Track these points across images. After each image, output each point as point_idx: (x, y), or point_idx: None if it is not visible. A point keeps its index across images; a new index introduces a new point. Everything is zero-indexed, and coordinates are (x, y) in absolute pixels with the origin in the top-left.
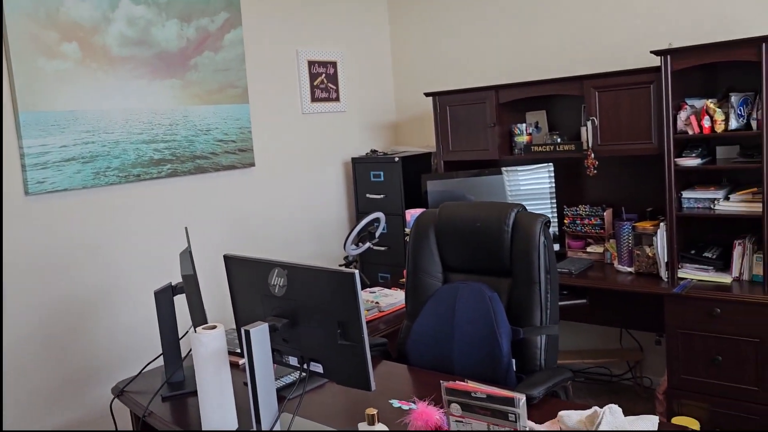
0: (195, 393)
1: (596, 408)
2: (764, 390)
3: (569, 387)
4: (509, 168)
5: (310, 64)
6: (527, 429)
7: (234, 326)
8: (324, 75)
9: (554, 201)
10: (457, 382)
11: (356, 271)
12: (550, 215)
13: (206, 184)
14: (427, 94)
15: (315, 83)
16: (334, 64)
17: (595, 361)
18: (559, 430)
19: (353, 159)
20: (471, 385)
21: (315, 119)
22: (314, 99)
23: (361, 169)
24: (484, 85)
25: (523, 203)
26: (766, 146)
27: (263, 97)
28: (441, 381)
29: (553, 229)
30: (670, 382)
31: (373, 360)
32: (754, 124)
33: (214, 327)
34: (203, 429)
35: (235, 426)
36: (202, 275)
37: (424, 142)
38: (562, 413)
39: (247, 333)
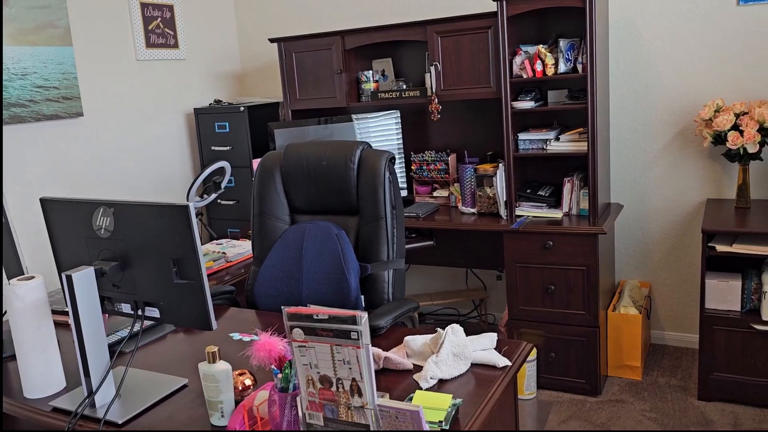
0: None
1: (439, 329)
2: (590, 313)
3: (415, 317)
4: (359, 116)
5: (144, 6)
6: (368, 345)
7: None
8: (160, 19)
9: (401, 148)
10: (300, 307)
11: (190, 203)
12: (397, 162)
13: (25, 135)
14: (272, 40)
15: (150, 27)
16: (170, 8)
17: (443, 302)
18: (405, 353)
19: (195, 110)
20: (313, 308)
21: (151, 66)
22: (150, 45)
23: (204, 120)
24: (329, 31)
25: None
26: (591, 88)
27: (90, 40)
28: (282, 306)
29: (401, 175)
30: (510, 313)
31: (220, 308)
32: (579, 67)
33: (32, 278)
34: (25, 395)
35: (62, 386)
36: (28, 247)
37: (273, 92)
38: (407, 338)
39: (69, 278)
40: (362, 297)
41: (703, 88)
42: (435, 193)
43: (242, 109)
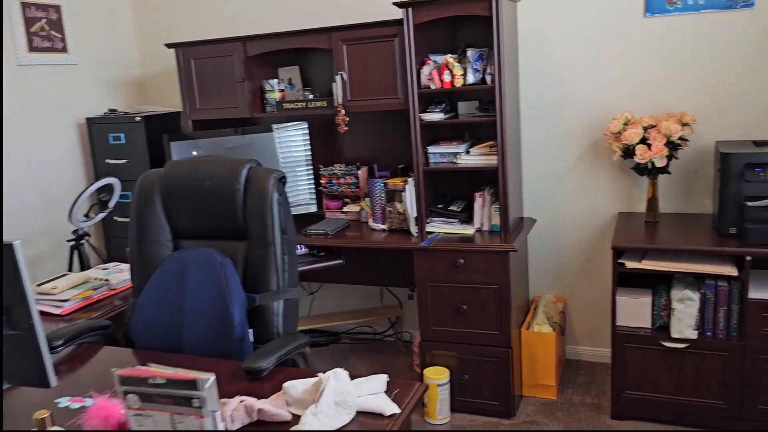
0: None
1: (320, 374)
2: (503, 333)
3: (307, 353)
4: (280, 126)
5: (25, 6)
6: (216, 412)
7: None
8: (45, 20)
9: (310, 160)
10: (137, 367)
11: (16, 242)
12: (306, 176)
13: None
14: (168, 46)
15: (33, 29)
16: (57, 8)
17: (359, 321)
18: (284, 401)
19: (88, 120)
20: (150, 370)
21: (36, 72)
22: (32, 48)
23: (98, 131)
24: (231, 36)
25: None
26: (499, 100)
27: None
28: (113, 370)
29: (310, 189)
30: (422, 335)
31: (91, 347)
32: (488, 78)
33: None
34: None
35: None
36: None
37: (176, 100)
38: (286, 385)
39: None
40: (250, 331)
41: (613, 100)
42: (346, 208)
43: (138, 119)
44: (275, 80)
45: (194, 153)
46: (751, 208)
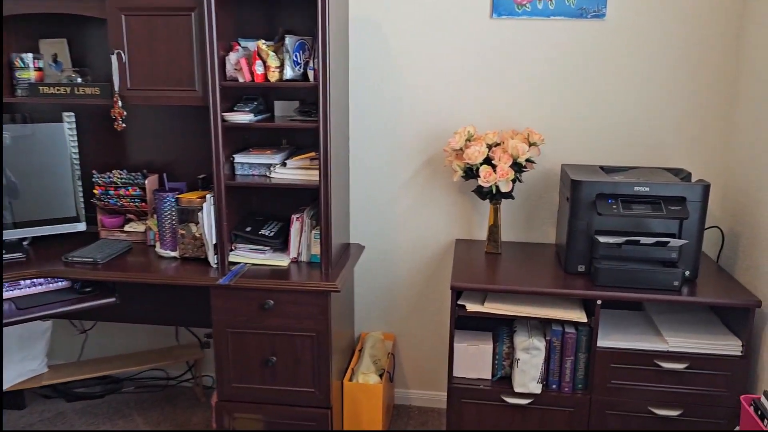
0: None
1: None
2: (321, 391)
3: None
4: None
5: None
6: None
7: None
8: None
9: (77, 164)
10: None
11: None
12: (73, 183)
13: None
14: None
15: None
16: None
17: (146, 366)
18: None
19: None
20: None
21: None
22: None
23: None
24: None
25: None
26: (323, 101)
27: None
28: None
29: (78, 201)
30: (221, 394)
31: None
32: (311, 74)
33: None
34: None
35: None
36: None
37: None
38: None
39: None
40: None
41: (455, 109)
42: (128, 227)
43: None
44: (30, 55)
45: None
46: (603, 245)
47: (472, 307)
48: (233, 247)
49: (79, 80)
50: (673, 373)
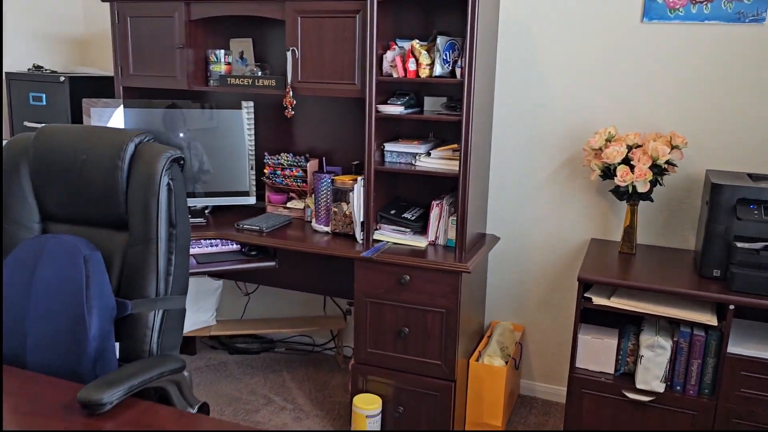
0: None
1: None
2: (447, 365)
3: (182, 380)
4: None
5: None
6: None
7: None
8: None
9: (252, 147)
10: None
11: None
12: (247, 163)
13: None
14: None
15: None
16: None
17: (297, 330)
18: None
19: (8, 74)
20: None
21: None
22: None
23: (18, 88)
24: None
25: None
26: (467, 98)
27: None
28: None
29: (251, 179)
30: (357, 357)
31: None
32: (458, 71)
33: None
34: None
35: None
36: None
37: None
38: None
39: None
40: (116, 346)
41: (597, 111)
42: (290, 204)
43: (62, 79)
44: (222, 51)
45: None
46: (741, 250)
47: (598, 300)
48: (378, 227)
49: (260, 73)
50: None
